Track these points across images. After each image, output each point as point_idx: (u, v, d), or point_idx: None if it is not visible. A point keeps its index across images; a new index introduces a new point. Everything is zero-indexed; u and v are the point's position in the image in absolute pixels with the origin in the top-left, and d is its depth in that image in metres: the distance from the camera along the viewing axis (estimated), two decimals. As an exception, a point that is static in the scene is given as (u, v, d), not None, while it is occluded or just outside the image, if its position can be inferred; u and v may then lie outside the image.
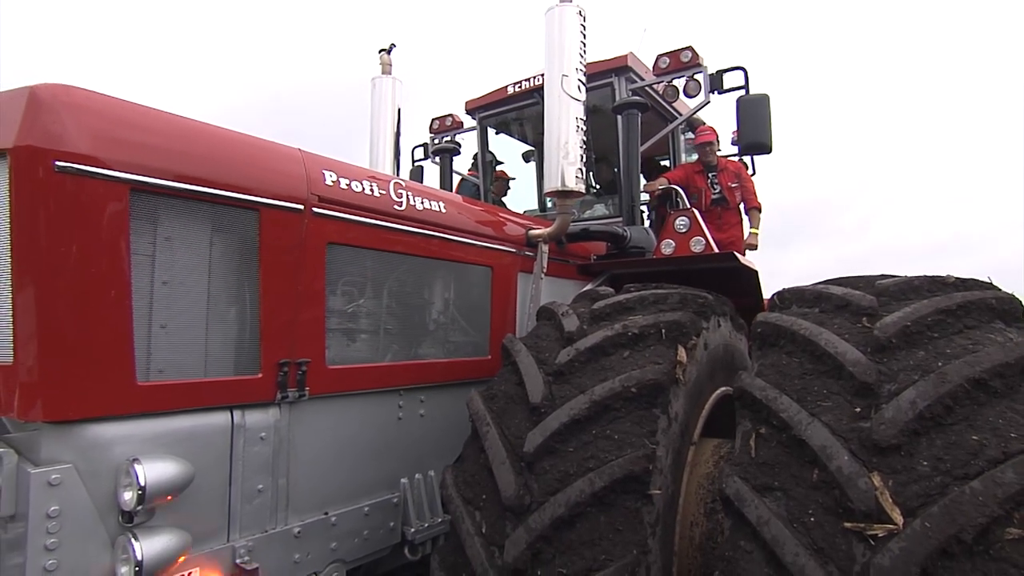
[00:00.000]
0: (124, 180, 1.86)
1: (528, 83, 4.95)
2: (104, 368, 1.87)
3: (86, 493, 1.85)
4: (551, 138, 3.26)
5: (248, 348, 2.27)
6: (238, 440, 2.23)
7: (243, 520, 2.26)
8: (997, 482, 1.43)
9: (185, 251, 2.11)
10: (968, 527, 1.40)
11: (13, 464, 1.84)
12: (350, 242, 2.58)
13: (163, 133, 2.01)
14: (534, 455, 2.09)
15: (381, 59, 4.76)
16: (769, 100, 4.05)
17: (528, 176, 6.44)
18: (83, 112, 1.81)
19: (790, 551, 1.56)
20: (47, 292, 1.76)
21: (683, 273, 3.46)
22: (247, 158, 2.24)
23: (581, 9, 3.37)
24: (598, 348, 2.31)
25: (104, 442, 1.91)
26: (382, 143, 4.68)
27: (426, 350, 3.09)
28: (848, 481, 1.57)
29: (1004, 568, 1.36)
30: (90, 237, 1.82)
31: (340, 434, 2.62)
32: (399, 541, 2.86)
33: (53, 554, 1.78)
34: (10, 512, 1.84)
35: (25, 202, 1.74)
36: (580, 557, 1.86)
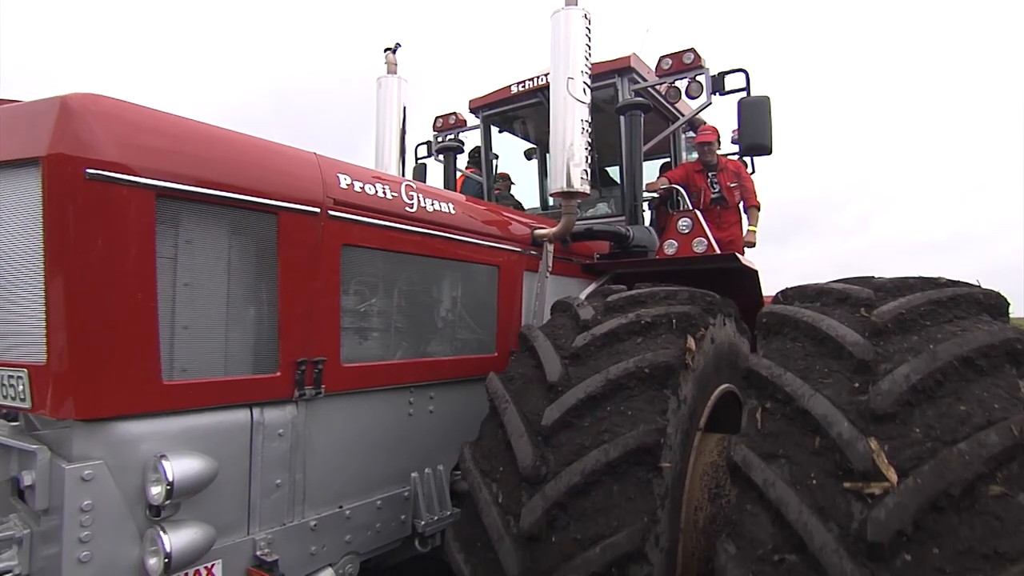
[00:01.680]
0: (150, 186, 1.92)
1: (532, 83, 5.00)
2: (132, 368, 1.93)
3: (116, 488, 1.92)
4: (557, 139, 3.32)
5: (267, 347, 2.33)
6: (257, 436, 2.30)
7: (262, 514, 2.33)
8: (982, 444, 1.57)
9: (206, 254, 2.17)
10: (956, 483, 1.53)
11: (47, 460, 1.91)
12: (363, 243, 2.64)
13: (187, 140, 2.07)
14: (551, 429, 2.20)
15: (387, 59, 4.79)
16: (770, 102, 4.11)
17: (529, 174, 6.51)
18: (112, 121, 1.87)
19: (794, 510, 1.67)
20: (78, 295, 1.82)
21: (685, 273, 3.53)
22: (266, 163, 2.30)
23: (587, 12, 3.42)
24: (612, 334, 2.43)
25: (132, 439, 1.97)
26: (388, 142, 4.72)
27: (435, 348, 3.15)
28: (848, 445, 1.69)
29: (987, 521, 1.49)
30: (118, 241, 1.88)
31: (353, 430, 2.69)
32: (410, 534, 2.94)
33: (86, 546, 1.85)
34: (44, 506, 1.92)
35: (57, 208, 1.79)
36: (594, 523, 1.96)
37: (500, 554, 2.08)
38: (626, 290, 2.83)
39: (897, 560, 1.52)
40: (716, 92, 4.31)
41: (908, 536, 1.53)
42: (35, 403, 1.91)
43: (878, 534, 1.53)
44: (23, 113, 1.91)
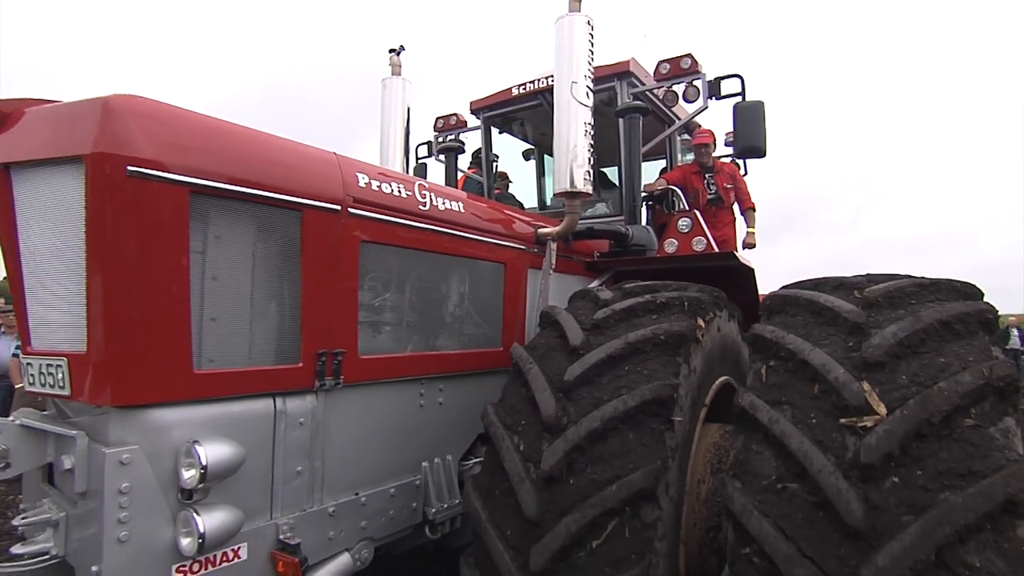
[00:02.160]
0: (185, 183, 2.01)
1: (532, 85, 5.10)
2: (166, 357, 2.02)
3: (151, 472, 2.01)
4: (560, 141, 3.42)
5: (290, 339, 2.42)
6: (280, 425, 2.39)
7: (284, 499, 2.42)
8: (958, 382, 1.82)
9: (233, 249, 2.26)
10: (936, 413, 1.77)
11: (85, 445, 2.00)
12: (380, 240, 2.74)
13: (218, 139, 2.16)
14: (573, 384, 2.36)
15: (391, 60, 4.88)
16: (764, 107, 4.25)
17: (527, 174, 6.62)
18: (150, 121, 1.96)
19: (795, 441, 1.88)
20: (117, 287, 1.91)
21: (685, 271, 3.65)
22: (290, 162, 2.39)
23: (590, 19, 3.52)
24: (630, 310, 2.62)
25: (164, 425, 2.06)
26: (392, 142, 4.81)
27: (444, 342, 3.25)
28: (843, 387, 1.92)
29: (963, 446, 1.74)
30: (155, 236, 1.96)
31: (368, 420, 2.78)
32: (420, 521, 3.04)
33: (125, 526, 1.93)
34: (83, 489, 2.00)
35: (99, 204, 1.88)
36: (610, 466, 2.11)
37: (520, 495, 2.21)
38: (641, 283, 2.99)
39: (886, 481, 1.73)
40: (712, 96, 4.45)
41: (895, 460, 1.75)
42: (74, 391, 1.99)
43: (870, 457, 1.75)
44: (64, 113, 1.99)
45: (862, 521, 1.70)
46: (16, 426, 2.11)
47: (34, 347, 2.12)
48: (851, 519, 1.71)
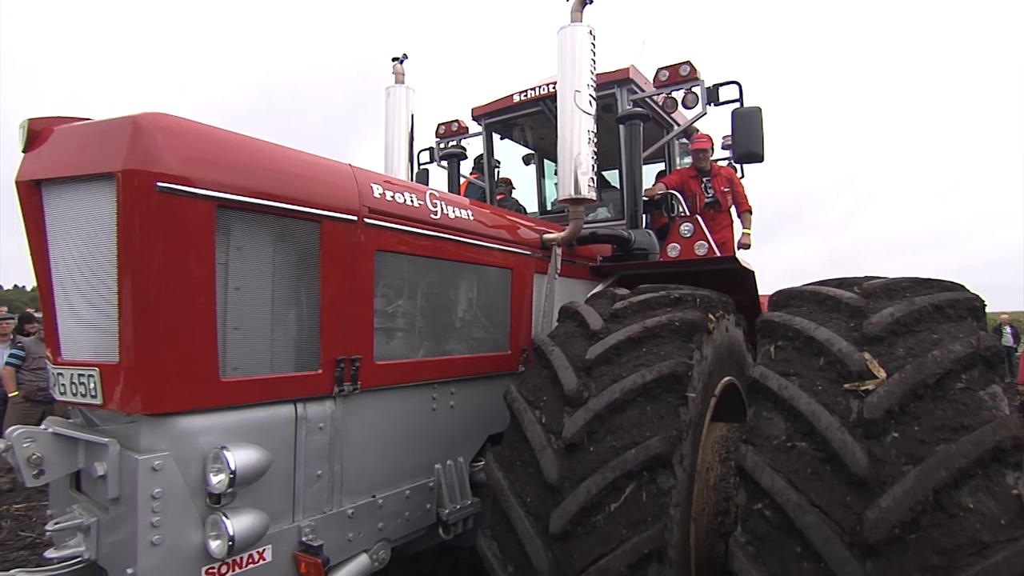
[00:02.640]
0: (212, 198, 2.08)
1: (533, 92, 5.18)
2: (194, 366, 2.09)
3: (180, 477, 2.07)
4: (564, 149, 3.50)
5: (309, 347, 2.49)
6: (301, 430, 2.46)
7: (305, 502, 2.48)
8: (950, 351, 2.02)
9: (254, 259, 2.32)
10: (931, 376, 1.96)
11: (117, 452, 2.06)
12: (394, 249, 2.81)
13: (241, 154, 2.23)
14: (594, 362, 2.53)
15: (394, 68, 4.96)
16: (761, 112, 4.34)
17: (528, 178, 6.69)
18: (178, 138, 2.02)
19: (804, 402, 2.06)
20: (147, 298, 1.97)
21: (687, 274, 3.74)
22: (309, 174, 2.46)
23: (592, 29, 3.61)
24: (645, 303, 2.79)
25: (192, 432, 2.12)
26: (397, 149, 4.88)
27: (455, 346, 3.33)
28: (846, 356, 2.12)
29: (956, 405, 1.92)
30: (183, 249, 2.03)
31: (384, 424, 2.85)
32: (434, 522, 3.11)
33: (158, 530, 2.00)
34: (115, 494, 2.06)
35: (130, 218, 1.94)
36: (628, 434, 2.26)
37: (541, 462, 2.33)
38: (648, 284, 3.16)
39: (887, 436, 1.90)
40: (711, 103, 4.53)
41: (895, 417, 1.92)
42: (106, 399, 2.05)
43: (872, 413, 1.93)
44: (94, 131, 2.05)
45: (866, 470, 1.84)
46: (49, 434, 2.17)
47: (64, 358, 2.18)
48: (856, 468, 1.85)
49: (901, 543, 1.75)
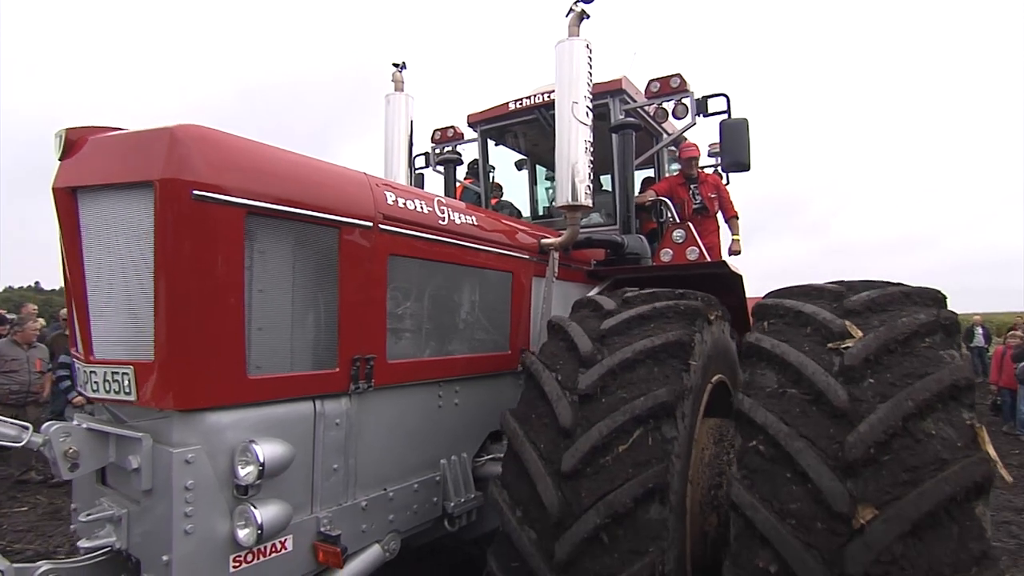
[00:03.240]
0: (242, 205, 2.20)
1: (528, 100, 5.34)
2: (224, 364, 2.20)
3: (211, 470, 2.19)
4: (562, 158, 3.66)
5: (328, 346, 2.62)
6: (319, 426, 2.58)
7: (323, 495, 2.61)
8: (916, 318, 2.39)
9: (277, 263, 2.44)
10: (900, 335, 2.32)
11: (150, 446, 2.17)
12: (406, 253, 2.95)
13: (267, 163, 2.35)
14: (607, 331, 2.81)
15: (394, 76, 5.08)
16: (748, 124, 4.55)
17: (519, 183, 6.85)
18: (211, 148, 2.14)
19: (794, 356, 2.40)
20: (182, 300, 2.09)
21: (679, 278, 3.92)
22: (329, 183, 2.59)
23: (588, 43, 3.77)
24: (652, 295, 3.12)
25: (220, 427, 2.24)
26: (396, 155, 5.01)
27: (459, 346, 3.46)
28: (830, 322, 2.49)
29: (921, 359, 2.25)
30: (215, 253, 2.15)
31: (395, 421, 2.98)
32: (440, 514, 3.24)
33: (191, 520, 2.11)
34: (148, 486, 2.17)
35: (167, 225, 2.06)
36: (637, 388, 2.52)
37: (557, 410, 2.55)
38: None
39: (864, 382, 2.23)
40: (700, 113, 4.73)
41: (871, 366, 2.26)
42: (139, 396, 2.16)
43: (852, 360, 2.28)
44: (131, 142, 2.16)
45: (847, 404, 2.16)
46: (83, 429, 2.27)
47: (97, 356, 2.28)
48: (838, 403, 2.15)
49: (876, 463, 2.03)
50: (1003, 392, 12.20)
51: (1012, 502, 7.08)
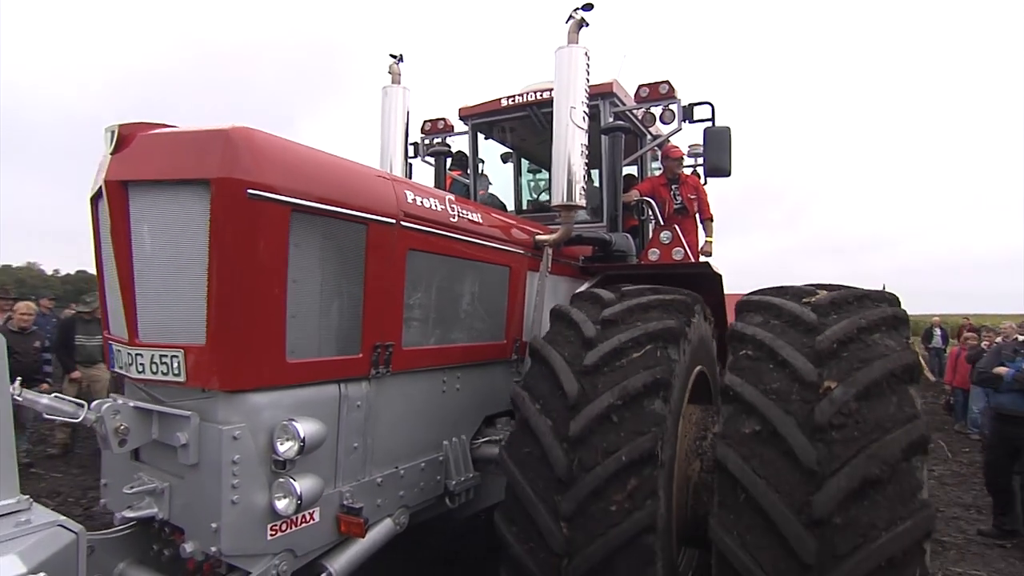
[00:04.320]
0: (288, 203, 2.41)
1: (521, 98, 5.57)
2: (267, 350, 2.42)
3: (253, 446, 2.41)
4: (559, 159, 3.92)
5: (353, 333, 2.85)
6: (343, 407, 2.82)
7: (344, 471, 2.85)
8: (872, 312, 2.85)
9: (310, 255, 2.65)
10: (858, 325, 2.74)
11: (197, 424, 2.38)
12: (422, 248, 3.19)
13: (310, 165, 2.56)
14: (609, 317, 3.20)
15: (391, 68, 5.24)
16: (730, 132, 4.90)
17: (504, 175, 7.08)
18: (263, 150, 2.35)
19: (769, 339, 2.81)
20: (234, 290, 2.30)
21: (663, 276, 4.25)
22: (359, 182, 2.81)
23: (587, 50, 4.04)
24: (652, 289, 3.52)
25: (260, 407, 2.46)
26: (393, 147, 5.18)
27: (462, 335, 3.72)
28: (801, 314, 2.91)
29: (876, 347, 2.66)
30: (264, 247, 2.36)
31: (406, 404, 3.24)
32: (442, 492, 3.52)
33: (236, 491, 2.34)
34: (195, 461, 2.38)
35: (223, 220, 2.25)
36: (634, 366, 2.91)
37: (563, 381, 2.92)
38: None
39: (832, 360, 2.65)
40: (686, 119, 5.06)
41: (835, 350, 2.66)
42: (189, 377, 2.36)
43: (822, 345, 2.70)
44: (185, 140, 2.34)
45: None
46: (131, 407, 2.45)
47: (142, 340, 2.46)
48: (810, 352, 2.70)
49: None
50: (956, 392, 12.61)
51: (961, 498, 7.49)
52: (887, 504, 2.29)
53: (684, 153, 6.12)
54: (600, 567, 2.59)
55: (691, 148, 6.99)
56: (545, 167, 7.40)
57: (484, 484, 3.81)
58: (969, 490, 7.84)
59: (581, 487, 2.66)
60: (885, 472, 2.31)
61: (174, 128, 2.43)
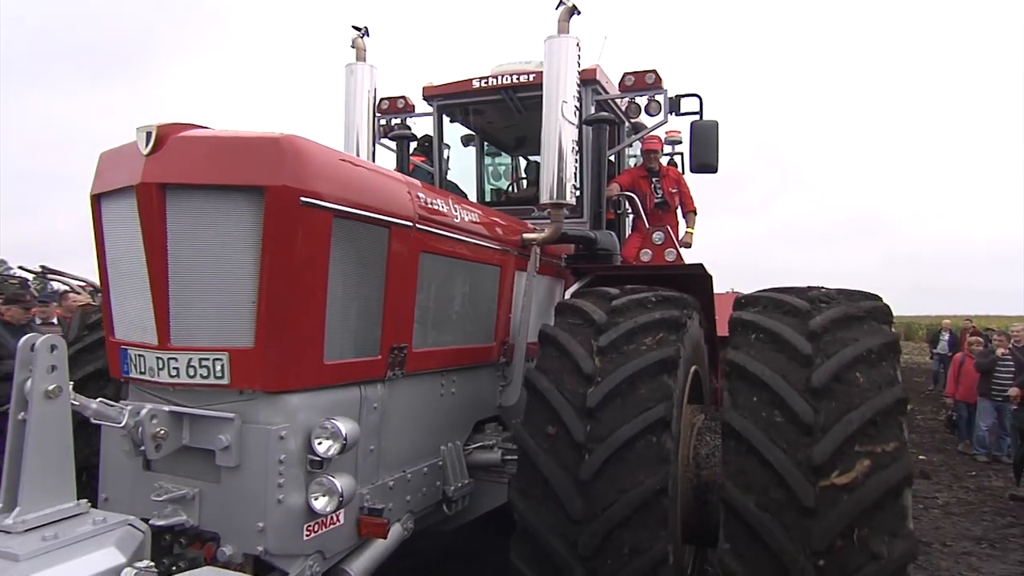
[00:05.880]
0: (331, 209, 2.96)
1: (496, 80, 6.17)
2: (310, 351, 2.98)
3: (294, 446, 2.95)
4: (549, 156, 4.53)
5: (373, 336, 3.42)
6: (363, 409, 3.39)
7: (363, 473, 3.42)
8: (859, 305, 3.69)
9: (343, 259, 3.18)
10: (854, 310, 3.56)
11: (239, 425, 2.89)
12: (433, 250, 3.79)
13: (346, 172, 3.13)
14: (616, 307, 3.95)
15: (355, 43, 5.69)
16: (718, 126, 5.72)
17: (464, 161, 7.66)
18: (310, 157, 2.89)
19: (770, 323, 3.60)
20: (285, 293, 2.83)
21: (655, 276, 5.00)
22: (384, 187, 3.39)
23: (578, 41, 4.67)
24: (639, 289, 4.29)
25: (297, 408, 3.01)
26: (359, 130, 5.67)
27: (458, 337, 4.35)
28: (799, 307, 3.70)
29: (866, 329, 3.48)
30: (311, 252, 2.91)
31: (413, 407, 3.84)
32: (440, 498, 4.13)
33: (281, 490, 2.88)
34: (236, 463, 2.90)
35: (276, 226, 2.78)
36: (639, 346, 3.68)
37: (578, 360, 3.63)
38: None
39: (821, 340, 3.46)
40: (673, 112, 5.83)
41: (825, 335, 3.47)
42: (234, 379, 2.87)
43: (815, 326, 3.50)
44: (233, 146, 2.83)
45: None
46: (167, 412, 2.92)
47: (175, 343, 2.94)
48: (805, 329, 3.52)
49: None
50: (959, 407, 12.60)
51: (970, 530, 7.56)
52: None
53: (661, 144, 6.93)
54: (618, 529, 3.29)
55: (668, 135, 7.82)
56: (509, 151, 8.05)
57: (476, 492, 4.43)
58: (979, 520, 7.87)
59: (599, 453, 3.37)
60: None
61: (214, 131, 2.92)
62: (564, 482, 3.39)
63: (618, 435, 3.37)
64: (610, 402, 3.48)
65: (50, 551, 2.24)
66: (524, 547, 3.51)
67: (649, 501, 3.28)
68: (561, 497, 3.38)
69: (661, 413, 3.39)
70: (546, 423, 3.58)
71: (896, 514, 3.05)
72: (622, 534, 3.27)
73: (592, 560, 3.27)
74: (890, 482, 3.04)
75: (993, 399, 11.27)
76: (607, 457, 3.35)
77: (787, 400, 3.25)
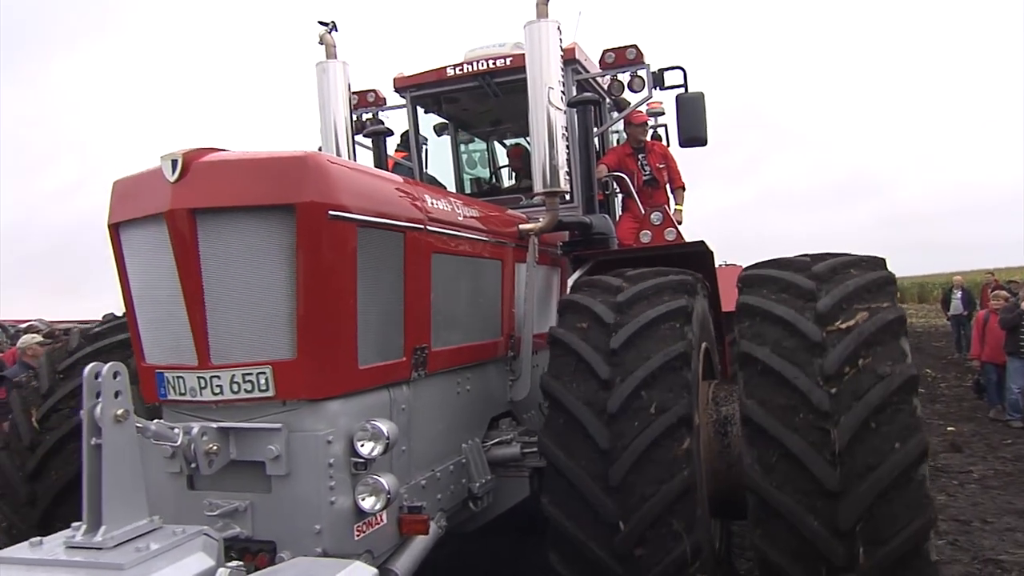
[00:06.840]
0: (356, 220, 3.44)
1: (471, 67, 6.65)
2: (346, 357, 3.46)
3: (339, 449, 3.44)
4: (539, 144, 5.02)
5: (397, 338, 3.92)
6: (393, 410, 3.89)
7: (397, 474, 3.90)
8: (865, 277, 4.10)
9: (368, 266, 3.65)
10: (853, 290, 3.97)
11: (286, 435, 3.37)
12: (441, 250, 4.29)
13: (367, 183, 3.62)
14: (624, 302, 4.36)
15: (324, 40, 6.10)
16: (704, 97, 6.28)
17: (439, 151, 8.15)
18: (333, 172, 3.38)
19: (772, 304, 4.04)
20: (322, 304, 3.31)
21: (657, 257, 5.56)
22: (396, 192, 3.88)
23: (559, 24, 5.17)
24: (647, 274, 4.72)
25: (337, 413, 3.49)
26: (336, 130, 6.10)
27: (470, 334, 4.86)
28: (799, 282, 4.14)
29: None
30: (342, 263, 3.39)
31: (435, 406, 4.36)
32: (466, 495, 4.64)
33: (333, 492, 3.36)
34: (287, 471, 3.37)
35: (308, 242, 3.25)
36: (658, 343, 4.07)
37: (593, 365, 4.06)
38: None
39: None
40: (657, 87, 6.38)
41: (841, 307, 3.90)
42: (278, 391, 3.34)
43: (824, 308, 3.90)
44: (260, 167, 3.29)
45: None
46: (215, 429, 3.37)
47: (215, 362, 3.39)
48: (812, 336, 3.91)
49: None
50: (987, 368, 12.72)
51: (1012, 504, 7.70)
52: None
53: (647, 117, 7.50)
54: (652, 529, 3.84)
55: (649, 107, 8.38)
56: (484, 137, 8.56)
57: (498, 487, 4.95)
58: (1020, 492, 8.06)
59: (626, 457, 3.89)
60: None
61: (235, 153, 3.38)
62: (596, 493, 3.87)
63: (639, 441, 3.86)
64: (631, 404, 3.93)
65: (147, 559, 2.69)
66: (562, 551, 4.01)
67: (680, 498, 3.79)
68: (594, 504, 3.86)
69: (683, 411, 3.87)
70: (570, 430, 4.07)
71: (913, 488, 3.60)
72: (655, 534, 3.79)
73: (628, 562, 3.79)
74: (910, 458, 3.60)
75: (1023, 357, 11.48)
76: (634, 461, 3.84)
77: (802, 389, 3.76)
